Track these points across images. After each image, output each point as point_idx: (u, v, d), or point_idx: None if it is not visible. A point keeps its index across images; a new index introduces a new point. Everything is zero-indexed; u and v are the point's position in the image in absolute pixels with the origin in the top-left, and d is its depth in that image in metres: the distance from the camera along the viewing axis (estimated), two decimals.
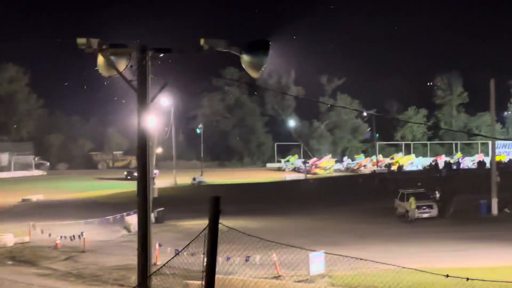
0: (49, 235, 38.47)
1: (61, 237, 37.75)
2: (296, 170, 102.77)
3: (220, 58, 16.37)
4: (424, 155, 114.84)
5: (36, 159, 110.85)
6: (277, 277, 27.95)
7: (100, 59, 13.76)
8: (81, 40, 13.14)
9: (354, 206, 56.59)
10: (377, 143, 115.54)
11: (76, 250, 36.42)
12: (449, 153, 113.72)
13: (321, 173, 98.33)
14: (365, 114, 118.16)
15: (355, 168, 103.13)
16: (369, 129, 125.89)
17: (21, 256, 35.76)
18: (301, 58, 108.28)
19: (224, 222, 8.36)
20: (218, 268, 8.37)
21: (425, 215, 48.88)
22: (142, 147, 13.28)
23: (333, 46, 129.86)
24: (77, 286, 28.61)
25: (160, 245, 32.04)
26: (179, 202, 59.17)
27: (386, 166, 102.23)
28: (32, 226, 40.17)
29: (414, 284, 24.05)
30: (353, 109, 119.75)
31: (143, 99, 13.21)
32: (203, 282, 23.60)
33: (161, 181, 72.80)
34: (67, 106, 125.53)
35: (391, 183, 68.49)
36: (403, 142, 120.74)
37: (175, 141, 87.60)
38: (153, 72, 13.46)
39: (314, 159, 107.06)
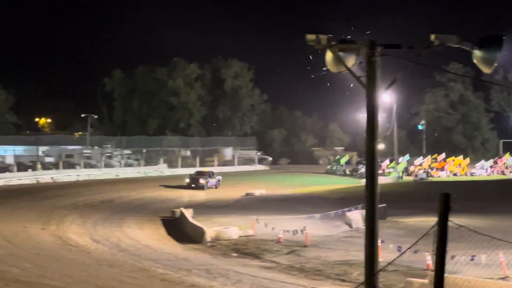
0: (272, 229, 39.12)
1: (283, 231, 38.32)
2: None
3: (442, 54, 16.01)
4: None
5: (259, 153, 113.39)
6: (503, 278, 26.94)
7: (329, 55, 13.82)
8: (310, 37, 13.24)
9: None
10: None
11: (299, 244, 36.79)
12: None
13: None
14: None
15: None
16: None
17: (245, 249, 36.60)
18: None
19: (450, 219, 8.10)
20: None
21: None
22: (370, 144, 13.21)
23: None
24: (299, 279, 28.92)
25: (382, 241, 31.78)
26: (401, 199, 58.48)
27: None
28: (256, 220, 41.04)
29: None
30: None
31: (371, 96, 13.12)
32: (427, 280, 23.19)
33: (384, 177, 72.31)
34: (290, 101, 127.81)
35: None
36: None
37: (397, 137, 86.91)
38: (380, 68, 13.36)
39: None
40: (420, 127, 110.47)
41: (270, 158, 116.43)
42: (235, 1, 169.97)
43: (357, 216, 43.93)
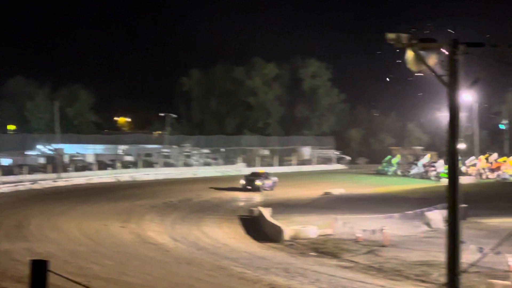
0: (351, 228, 38.97)
1: (362, 230, 38.11)
2: None
3: None
4: None
5: (337, 153, 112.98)
6: None
7: (409, 53, 13.68)
8: (391, 36, 13.14)
9: None
10: None
11: (377, 244, 36.56)
12: None
13: None
14: None
15: None
16: None
17: (323, 248, 36.52)
18: None
19: None
20: None
21: None
22: (451, 144, 13.03)
23: None
24: (378, 279, 28.75)
25: (463, 242, 31.31)
26: (482, 199, 57.50)
27: None
28: (334, 219, 40.91)
29: None
30: None
31: (453, 95, 12.94)
32: (509, 282, 22.80)
33: (465, 177, 71.32)
34: (368, 101, 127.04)
35: None
36: None
37: (478, 137, 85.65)
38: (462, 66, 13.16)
39: None
40: (502, 126, 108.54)
41: (348, 158, 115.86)
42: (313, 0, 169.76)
43: (437, 216, 43.37)
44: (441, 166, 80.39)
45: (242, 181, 68.66)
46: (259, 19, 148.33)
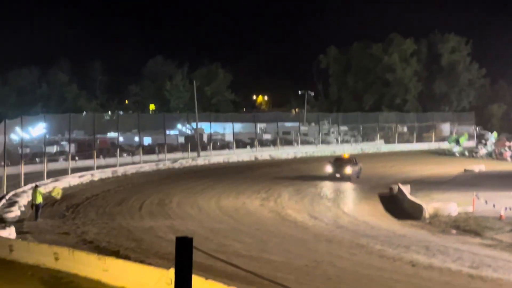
0: (493, 206, 38.04)
1: (505, 208, 37.15)
2: None
3: None
4: None
5: (477, 129, 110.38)
6: None
7: None
8: None
9: None
10: None
11: None
12: None
13: None
14: None
15: None
16: None
17: (465, 226, 35.77)
18: None
19: None
20: None
21: None
22: None
23: None
24: None
25: None
26: None
27: None
28: (475, 196, 40.04)
29: None
30: None
31: None
32: None
33: None
34: (510, 75, 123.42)
35: None
36: None
37: None
38: None
39: None
40: None
41: (490, 133, 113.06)
42: None
43: None
44: None
45: (329, 168, 58.01)
46: None
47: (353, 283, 23.36)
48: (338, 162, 58.73)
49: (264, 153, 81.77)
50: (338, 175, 56.51)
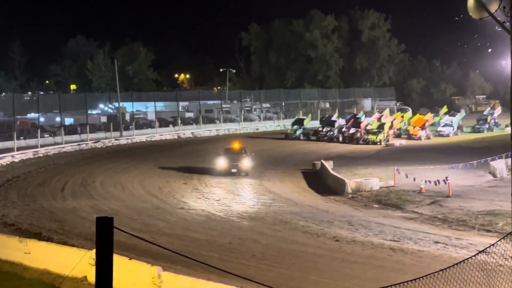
0: (414, 179, 38.72)
1: (425, 181, 37.84)
2: None
3: None
4: None
5: (398, 104, 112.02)
6: None
7: (470, 1, 13.41)
8: None
9: None
10: None
11: (441, 195, 36.29)
12: None
13: None
14: None
15: None
16: None
17: (386, 200, 36.37)
18: None
19: None
20: None
21: None
22: None
23: None
24: (442, 230, 28.55)
25: None
26: None
27: None
28: (396, 171, 40.68)
29: None
30: None
31: None
32: None
33: None
34: (428, 51, 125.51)
35: None
36: None
37: None
38: None
39: None
40: None
41: (410, 109, 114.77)
42: None
43: (501, 165, 42.89)
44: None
45: (222, 162, 47.23)
46: None
47: (277, 259, 23.49)
48: (231, 154, 48.37)
49: (187, 132, 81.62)
50: (234, 170, 46.84)
